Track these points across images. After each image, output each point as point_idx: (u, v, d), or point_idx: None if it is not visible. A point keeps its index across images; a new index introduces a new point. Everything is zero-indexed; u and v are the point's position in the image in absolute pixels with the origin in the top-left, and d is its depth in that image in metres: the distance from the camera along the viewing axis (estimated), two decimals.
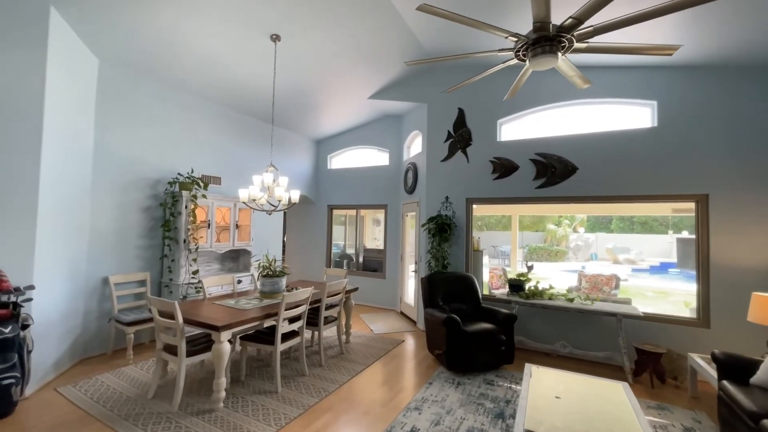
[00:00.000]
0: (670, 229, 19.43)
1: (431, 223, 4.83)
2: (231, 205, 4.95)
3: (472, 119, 4.90)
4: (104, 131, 3.89)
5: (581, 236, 18.20)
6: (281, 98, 4.99)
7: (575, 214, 15.89)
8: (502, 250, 14.31)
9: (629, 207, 4.66)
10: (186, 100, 4.75)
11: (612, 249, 16.87)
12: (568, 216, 17.68)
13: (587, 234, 18.49)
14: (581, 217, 18.27)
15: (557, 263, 16.09)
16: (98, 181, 3.85)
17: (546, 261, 16.65)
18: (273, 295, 3.67)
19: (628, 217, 22.92)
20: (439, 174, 5.09)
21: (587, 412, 2.19)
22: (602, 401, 2.33)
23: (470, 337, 3.58)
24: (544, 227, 18.89)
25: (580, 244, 18.15)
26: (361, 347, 4.34)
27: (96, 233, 3.84)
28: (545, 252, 16.89)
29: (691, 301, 5.79)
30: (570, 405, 2.26)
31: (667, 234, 18.90)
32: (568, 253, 17.42)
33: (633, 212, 10.24)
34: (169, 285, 4.30)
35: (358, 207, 6.94)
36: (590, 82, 2.62)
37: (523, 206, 4.84)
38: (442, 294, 4.22)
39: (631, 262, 15.61)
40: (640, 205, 6.35)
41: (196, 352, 2.91)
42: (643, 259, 16.11)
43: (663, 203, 4.15)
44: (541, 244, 17.90)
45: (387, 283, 6.42)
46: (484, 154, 4.78)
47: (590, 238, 18.42)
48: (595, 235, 18.65)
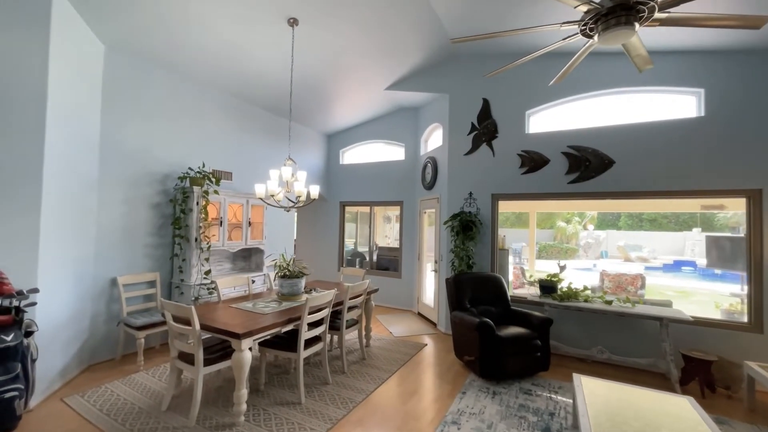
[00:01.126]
0: (677, 225, 19.13)
1: (454, 221, 4.57)
2: (243, 202, 4.71)
3: (498, 110, 4.62)
4: (111, 122, 3.65)
5: (591, 233, 17.89)
6: (294, 89, 4.73)
7: (611, 210, 14.92)
8: (514, 247, 14.04)
9: (658, 203, 4.39)
10: (196, 91, 4.49)
11: (623, 246, 16.56)
12: (577, 213, 17.37)
13: (597, 231, 18.18)
14: (591, 214, 17.95)
15: (568, 261, 15.78)
16: (105, 175, 3.61)
17: (556, 259, 16.35)
18: (292, 297, 3.44)
19: (637, 214, 22.57)
20: (461, 168, 4.83)
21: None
22: (672, 419, 2.08)
23: (504, 342, 3.33)
24: (553, 224, 18.58)
25: (590, 241, 17.83)
26: (382, 352, 4.10)
27: (103, 231, 3.61)
28: (555, 250, 16.61)
29: (722, 302, 5.55)
30: (639, 424, 2.01)
31: (676, 231, 18.59)
32: (579, 251, 17.14)
33: (661, 209, 9.74)
34: (180, 286, 4.07)
35: (372, 204, 6.69)
36: (652, 63, 2.35)
37: (553, 202, 4.56)
38: (469, 296, 3.97)
39: (643, 260, 15.30)
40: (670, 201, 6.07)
41: (213, 361, 2.68)
42: (655, 257, 15.81)
43: (693, 199, 3.88)
44: (551, 242, 17.61)
45: (403, 283, 6.18)
46: (511, 147, 4.51)
47: (601, 235, 18.10)
48: (606, 232, 18.33)
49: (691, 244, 16.33)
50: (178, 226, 4.07)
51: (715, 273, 13.31)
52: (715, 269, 11.00)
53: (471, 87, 4.79)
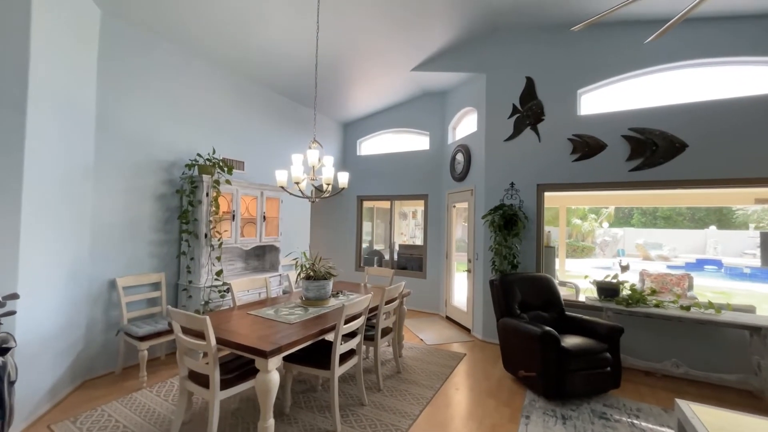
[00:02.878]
0: (692, 223, 18.51)
1: (495, 215, 4.06)
2: (257, 194, 4.22)
3: (545, 90, 4.10)
4: (108, 100, 3.16)
5: (608, 231, 17.29)
6: (309, 72, 4.21)
7: (677, 204, 12.65)
8: None
9: (710, 197, 3.94)
10: (206, 70, 4.00)
11: (642, 245, 15.96)
12: (594, 209, 16.79)
13: (614, 229, 17.59)
14: (608, 211, 17.34)
15: (585, 260, 15.25)
16: (102, 161, 3.13)
17: (571, 257, 15.80)
18: (318, 302, 2.95)
19: (651, 211, 21.93)
20: (501, 156, 4.31)
21: None
22: None
23: (570, 356, 2.83)
24: (568, 222, 17.99)
25: (607, 239, 17.26)
26: (417, 363, 3.61)
27: (100, 226, 3.12)
28: (571, 248, 16.03)
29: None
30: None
31: (691, 228, 17.94)
32: (596, 249, 16.56)
33: (716, 202, 8.62)
34: (188, 288, 3.59)
35: (393, 198, 6.18)
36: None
37: (611, 193, 4.05)
38: (518, 299, 3.46)
39: (664, 258, 14.67)
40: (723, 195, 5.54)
41: (232, 382, 2.19)
42: (676, 255, 15.21)
43: (745, 189, 3.38)
44: (566, 240, 17.02)
45: (428, 284, 5.67)
46: (560, 131, 3.99)
47: (618, 233, 17.52)
48: (623, 229, 17.73)
49: (713, 242, 15.73)
50: (186, 220, 3.58)
51: (744, 272, 12.74)
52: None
53: (512, 64, 4.27)
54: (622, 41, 3.71)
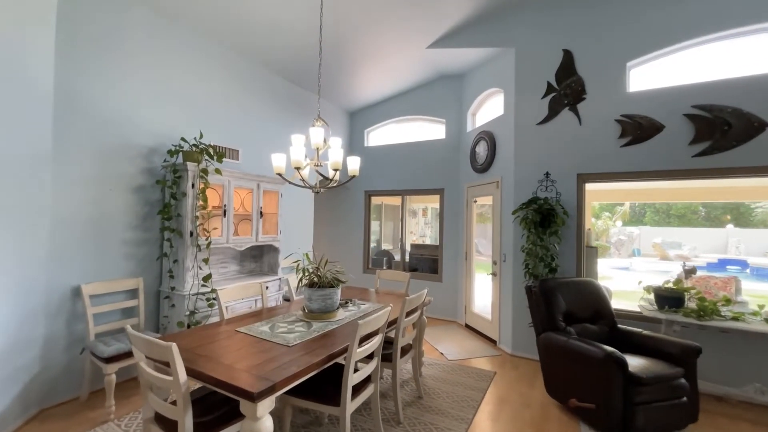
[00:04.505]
0: (707, 221, 17.75)
1: (529, 209, 3.49)
2: (253, 186, 3.68)
3: (586, 64, 3.52)
4: (71, 71, 2.63)
5: (623, 230, 16.62)
6: (312, 52, 3.66)
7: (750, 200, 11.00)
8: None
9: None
10: (192, 42, 3.46)
11: (660, 244, 15.29)
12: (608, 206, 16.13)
13: (630, 228, 16.91)
14: (622, 209, 16.66)
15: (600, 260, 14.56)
16: (63, 145, 2.59)
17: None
18: (324, 315, 2.40)
19: (664, 209, 21.13)
20: (533, 143, 3.74)
21: None
22: None
23: (639, 383, 2.26)
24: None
25: (622, 238, 16.59)
26: (440, 384, 3.05)
27: (61, 222, 2.59)
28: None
29: None
30: None
31: (706, 227, 17.20)
32: (611, 249, 15.91)
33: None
34: (170, 296, 3.06)
35: (404, 193, 5.63)
36: None
37: (668, 184, 3.46)
38: (562, 310, 2.89)
39: (683, 258, 13.98)
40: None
41: (210, 427, 1.65)
42: (696, 255, 14.53)
43: None
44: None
45: (444, 288, 5.11)
46: (605, 112, 3.41)
47: (634, 231, 16.84)
48: (638, 228, 17.05)
49: (736, 241, 15.03)
50: (168, 215, 3.05)
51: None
52: None
53: (546, 36, 3.70)
54: (677, 2, 3.13)
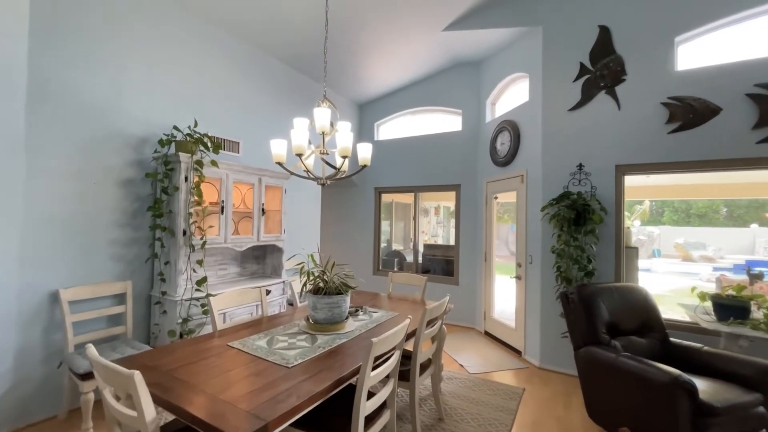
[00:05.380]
0: (729, 221, 17.00)
1: (560, 205, 3.11)
2: (254, 181, 3.37)
3: (626, 41, 3.12)
4: (48, 50, 2.35)
5: (642, 229, 15.94)
6: (319, 36, 3.34)
7: None
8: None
9: None
10: (187, 22, 3.17)
11: (683, 244, 14.60)
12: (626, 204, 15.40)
13: (649, 227, 16.22)
14: (642, 208, 15.96)
15: None
16: (39, 133, 2.31)
17: None
18: (331, 327, 2.07)
19: (684, 209, 20.31)
20: (564, 131, 3.35)
21: None
22: None
23: (711, 413, 1.87)
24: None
25: (642, 238, 15.88)
26: (463, 403, 2.69)
27: (37, 220, 2.31)
28: None
29: None
30: None
31: (730, 227, 16.42)
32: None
33: None
34: (162, 302, 2.76)
35: (417, 189, 5.27)
36: None
37: (724, 175, 3.03)
38: (605, 320, 2.51)
39: (708, 259, 13.32)
40: None
41: None
42: (722, 256, 13.82)
43: None
44: None
45: (461, 292, 4.74)
46: (648, 94, 3.01)
47: (654, 231, 16.15)
48: (658, 228, 16.36)
49: (764, 242, 14.25)
50: (158, 212, 2.75)
51: None
52: None
53: (578, 11, 3.31)
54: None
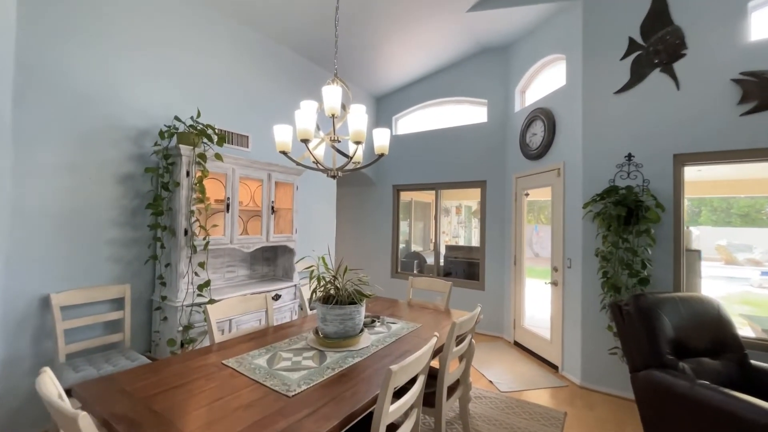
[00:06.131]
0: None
1: (607, 201, 2.70)
2: (264, 177, 3.12)
3: (686, 9, 2.68)
4: (36, 36, 2.16)
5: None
6: (332, 23, 3.06)
7: None
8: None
9: None
10: (193, 4, 2.96)
11: (725, 246, 13.54)
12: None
13: (690, 228, 15.11)
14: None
15: None
16: (29, 124, 2.13)
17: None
18: (343, 342, 1.77)
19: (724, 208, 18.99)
20: (609, 116, 2.94)
21: None
22: None
23: None
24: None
25: None
26: (495, 429, 2.33)
27: (25, 218, 2.12)
28: None
29: None
30: None
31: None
32: None
33: None
34: (162, 307, 2.54)
35: (439, 186, 4.92)
36: None
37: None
38: (669, 338, 2.10)
39: (755, 263, 12.25)
40: None
41: None
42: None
43: None
44: None
45: (487, 298, 4.36)
46: (715, 70, 2.56)
47: (693, 232, 15.09)
48: (698, 228, 15.27)
49: None
50: (158, 210, 2.53)
51: None
52: None
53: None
54: None
